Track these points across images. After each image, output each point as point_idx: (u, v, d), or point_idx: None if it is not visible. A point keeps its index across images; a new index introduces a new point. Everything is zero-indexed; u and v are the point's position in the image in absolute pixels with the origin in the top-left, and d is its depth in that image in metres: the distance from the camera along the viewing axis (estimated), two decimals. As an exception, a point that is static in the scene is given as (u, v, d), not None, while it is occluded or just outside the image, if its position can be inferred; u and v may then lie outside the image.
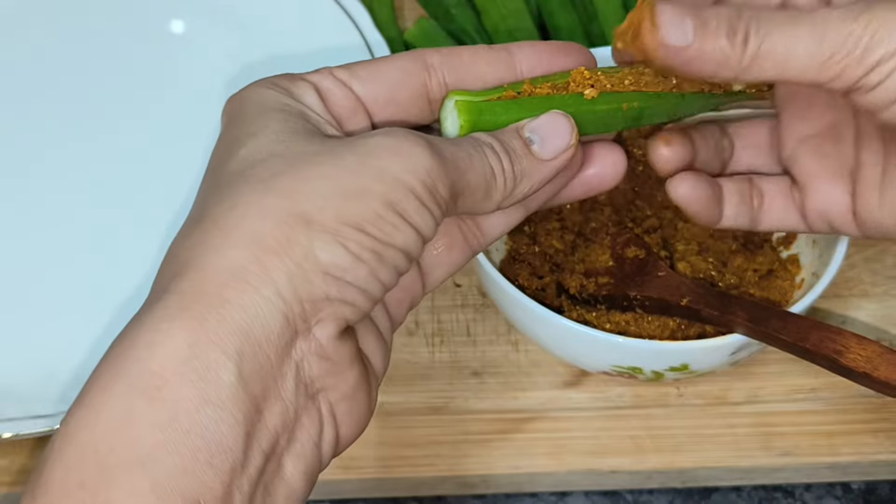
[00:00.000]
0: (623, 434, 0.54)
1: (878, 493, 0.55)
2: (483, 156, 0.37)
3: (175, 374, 0.31)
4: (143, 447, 0.30)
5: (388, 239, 0.34)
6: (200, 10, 0.67)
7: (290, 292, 0.32)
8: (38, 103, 0.65)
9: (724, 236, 0.55)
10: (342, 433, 0.36)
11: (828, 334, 0.46)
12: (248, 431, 0.31)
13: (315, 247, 0.33)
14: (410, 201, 0.34)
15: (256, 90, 0.38)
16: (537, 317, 0.50)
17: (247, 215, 0.33)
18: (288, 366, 0.33)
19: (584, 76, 0.41)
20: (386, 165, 0.34)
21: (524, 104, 0.40)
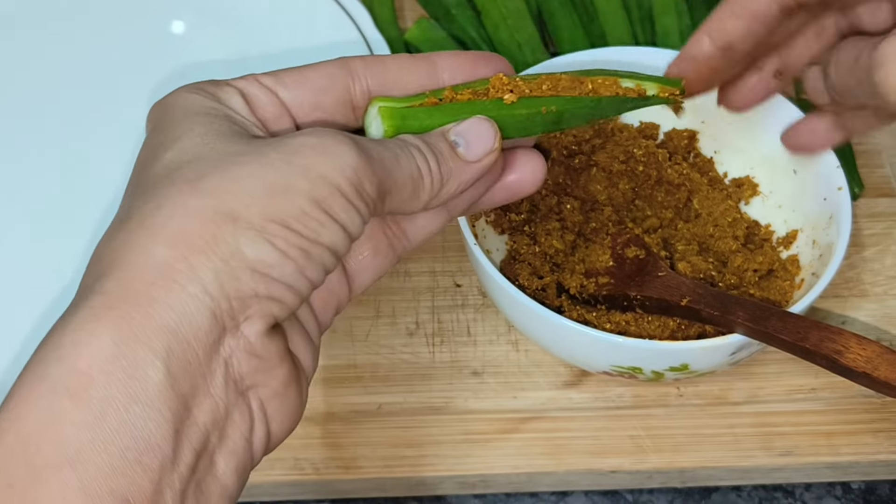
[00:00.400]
0: (623, 434, 0.54)
1: (878, 492, 0.55)
2: (410, 156, 0.38)
3: (101, 373, 0.31)
4: (71, 447, 0.30)
5: (315, 236, 0.34)
6: (201, 10, 0.67)
7: (218, 289, 0.32)
8: (39, 103, 0.65)
9: (723, 236, 0.55)
10: (273, 430, 0.36)
11: (828, 334, 0.46)
12: (176, 429, 0.31)
13: (241, 243, 0.33)
14: (337, 199, 0.34)
15: (181, 95, 0.38)
16: (537, 317, 0.50)
17: (173, 215, 0.33)
18: (217, 363, 0.33)
19: (503, 82, 0.43)
20: (312, 163, 0.34)
21: (446, 109, 0.42)
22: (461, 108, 0.42)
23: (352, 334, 0.57)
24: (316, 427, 0.54)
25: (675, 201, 0.57)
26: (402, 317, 0.58)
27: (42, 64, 0.66)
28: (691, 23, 0.68)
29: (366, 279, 0.42)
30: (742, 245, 0.55)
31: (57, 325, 0.32)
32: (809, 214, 0.55)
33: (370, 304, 0.58)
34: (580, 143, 0.58)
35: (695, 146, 0.60)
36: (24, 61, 0.66)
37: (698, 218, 0.57)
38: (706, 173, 0.59)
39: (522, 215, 0.57)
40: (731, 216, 0.56)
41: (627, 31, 0.67)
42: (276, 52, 0.66)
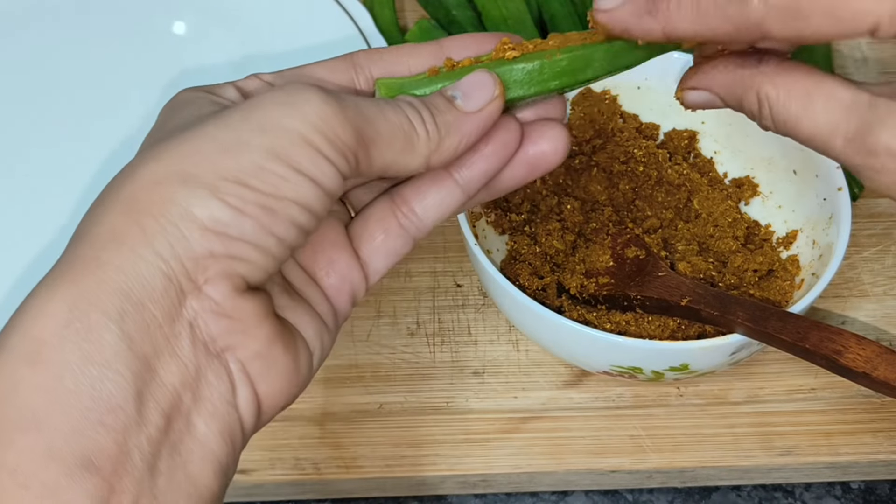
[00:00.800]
0: (623, 434, 0.54)
1: (878, 492, 0.55)
2: (399, 109, 0.37)
3: (55, 337, 0.31)
4: (31, 410, 0.30)
5: (275, 191, 0.33)
6: (202, 11, 0.67)
7: (168, 251, 0.32)
8: (39, 103, 0.65)
9: (723, 236, 0.55)
10: (262, 392, 0.35)
11: (827, 334, 0.46)
12: (139, 390, 0.31)
13: (191, 204, 0.32)
14: (303, 150, 0.34)
15: (181, 95, 0.39)
16: (538, 317, 0.50)
17: (124, 184, 0.33)
18: (181, 325, 0.33)
19: (505, 44, 0.41)
20: (271, 116, 0.34)
21: (447, 76, 0.40)
22: (462, 73, 0.40)
23: (353, 334, 0.57)
24: (317, 427, 0.54)
25: (675, 202, 0.57)
26: (403, 317, 0.58)
27: (43, 64, 0.66)
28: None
29: (380, 264, 0.41)
30: (742, 245, 0.55)
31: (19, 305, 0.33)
32: (809, 215, 0.55)
33: (371, 304, 0.59)
34: (581, 143, 0.58)
35: (695, 146, 0.60)
36: (24, 61, 0.66)
37: (698, 218, 0.57)
38: (706, 174, 0.59)
39: (523, 215, 0.57)
40: (731, 216, 0.56)
41: (628, 31, 0.67)
42: (278, 53, 0.66)
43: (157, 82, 0.66)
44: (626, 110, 0.59)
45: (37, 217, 0.61)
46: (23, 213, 0.61)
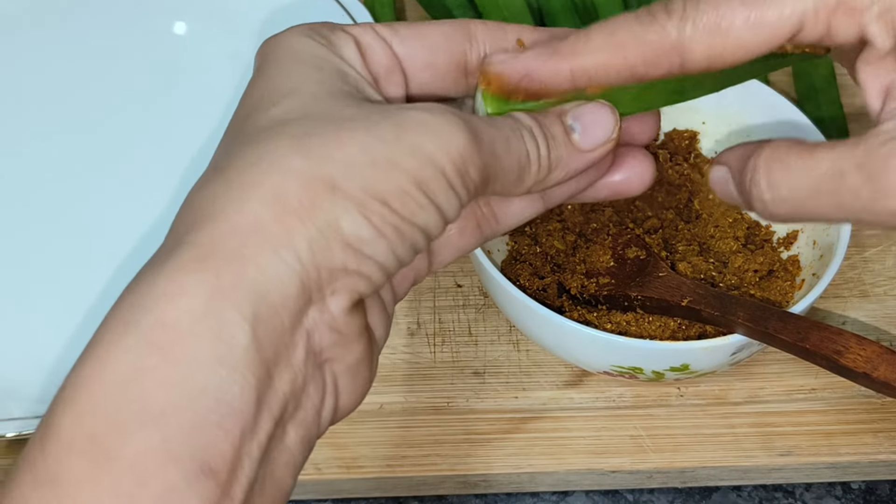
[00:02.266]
0: (624, 434, 0.54)
1: (878, 492, 0.55)
2: (521, 140, 0.36)
3: (190, 331, 0.30)
4: (155, 404, 0.29)
5: (412, 217, 0.33)
6: (202, 11, 0.67)
7: (310, 258, 0.31)
8: (40, 103, 0.65)
9: (724, 237, 0.55)
10: (341, 403, 0.35)
11: (828, 335, 0.46)
12: (259, 396, 0.31)
13: (339, 215, 0.32)
14: (439, 182, 0.33)
15: (295, 37, 0.37)
16: (538, 317, 0.50)
17: (271, 171, 0.32)
18: (300, 334, 0.32)
19: None
20: (420, 141, 0.33)
21: None
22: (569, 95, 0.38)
23: (353, 334, 0.57)
24: (317, 427, 0.54)
25: (675, 202, 0.57)
26: (404, 317, 0.58)
27: (43, 64, 0.66)
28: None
29: (447, 256, 0.40)
30: (742, 246, 0.55)
31: (144, 271, 0.32)
32: (810, 215, 0.55)
33: (371, 304, 0.59)
34: (581, 143, 0.58)
35: (695, 147, 0.60)
36: (24, 61, 0.66)
37: (699, 218, 0.57)
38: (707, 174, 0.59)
39: (523, 216, 0.57)
40: (731, 217, 0.56)
41: (628, 32, 0.67)
42: (278, 53, 0.66)
43: (157, 82, 0.66)
44: (627, 110, 0.59)
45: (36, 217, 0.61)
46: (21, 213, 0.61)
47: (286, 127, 0.33)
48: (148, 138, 0.64)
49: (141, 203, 0.61)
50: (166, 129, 0.64)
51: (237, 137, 0.34)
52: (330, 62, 0.36)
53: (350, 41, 0.37)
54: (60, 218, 0.61)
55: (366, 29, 0.38)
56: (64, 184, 0.62)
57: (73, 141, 0.64)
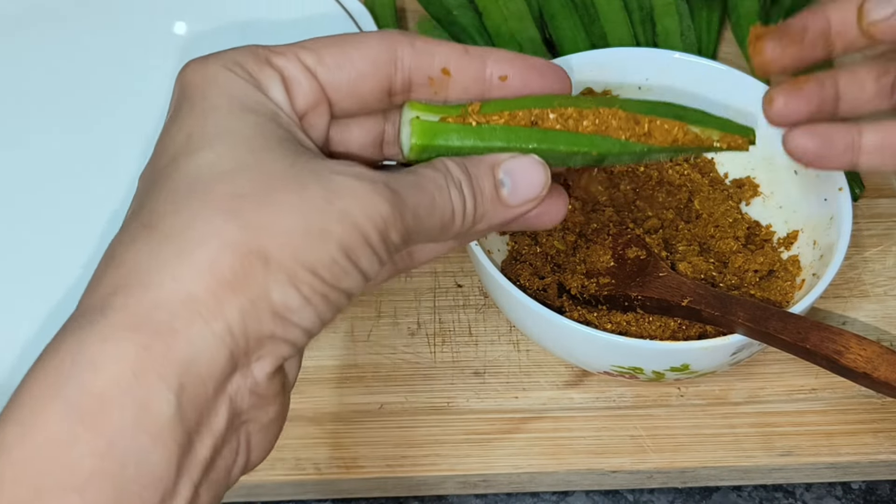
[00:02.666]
0: (624, 434, 0.54)
1: (879, 493, 0.55)
2: (447, 199, 0.37)
3: (116, 401, 0.30)
4: (80, 474, 0.30)
5: (338, 283, 0.34)
6: (203, 11, 0.67)
7: (240, 329, 0.32)
8: (39, 102, 0.65)
9: (724, 237, 0.55)
10: (252, 459, 0.35)
11: (828, 335, 0.46)
12: (179, 463, 0.31)
13: (270, 286, 0.32)
14: (363, 248, 0.34)
15: (221, 72, 0.36)
16: (539, 317, 0.50)
17: (205, 241, 0.32)
18: (223, 400, 0.32)
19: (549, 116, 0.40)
20: (348, 208, 0.34)
21: (482, 132, 0.39)
22: (498, 133, 0.39)
23: (353, 334, 0.57)
24: (317, 427, 0.54)
25: (675, 202, 0.57)
26: (404, 317, 0.58)
27: (43, 64, 0.66)
28: (692, 24, 0.68)
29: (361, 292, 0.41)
30: (743, 245, 0.55)
31: (70, 332, 0.32)
32: (810, 215, 0.55)
33: (372, 304, 0.59)
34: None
35: (696, 147, 0.60)
36: (24, 61, 0.66)
37: (699, 218, 0.57)
38: (707, 174, 0.59)
39: (524, 216, 0.57)
40: (731, 217, 0.56)
41: (628, 32, 0.67)
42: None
43: (157, 82, 0.66)
44: (627, 110, 0.59)
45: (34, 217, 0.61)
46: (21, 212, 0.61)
47: (218, 183, 0.33)
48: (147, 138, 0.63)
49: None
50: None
51: (165, 185, 0.34)
52: (262, 105, 0.36)
53: (276, 79, 0.37)
54: (59, 218, 0.61)
55: (290, 59, 0.37)
56: (63, 183, 0.62)
57: (73, 140, 0.64)
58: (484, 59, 0.40)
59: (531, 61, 0.41)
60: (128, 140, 0.64)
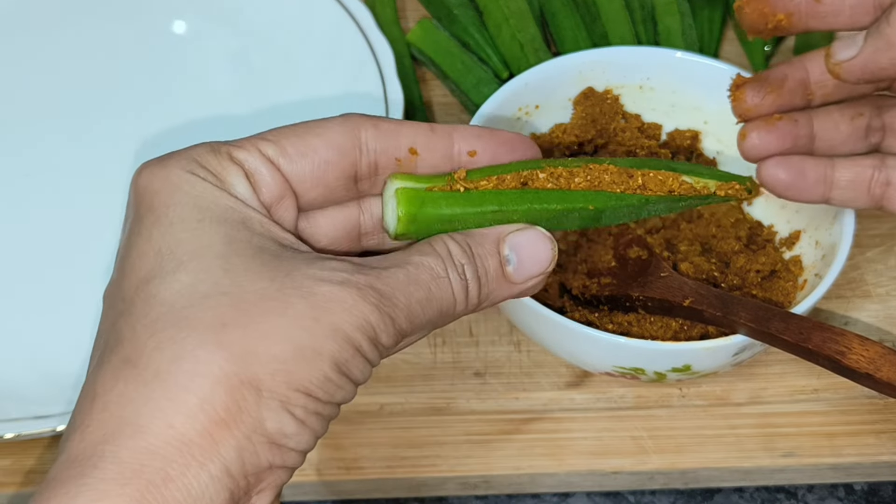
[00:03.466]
0: (625, 435, 0.54)
1: (881, 494, 0.55)
2: (447, 287, 0.36)
3: None
4: None
5: (331, 398, 0.33)
6: (202, 10, 0.67)
7: (238, 468, 0.31)
8: (39, 102, 0.65)
9: (726, 237, 0.55)
10: None
11: (830, 335, 0.46)
12: None
13: (264, 416, 0.31)
14: (356, 359, 0.33)
15: (182, 175, 0.35)
16: (540, 317, 0.49)
17: (194, 379, 0.31)
18: None
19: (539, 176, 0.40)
20: (337, 322, 0.33)
21: (472, 198, 0.38)
22: (489, 198, 0.38)
23: (353, 335, 0.57)
24: (317, 428, 0.54)
25: (677, 202, 0.57)
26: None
27: (43, 63, 0.66)
28: (693, 23, 0.68)
29: None
30: (745, 246, 0.55)
31: (61, 487, 0.30)
32: (812, 215, 0.55)
33: (372, 304, 0.58)
34: (582, 143, 0.58)
35: (697, 146, 0.60)
36: (24, 61, 0.66)
37: (701, 218, 0.57)
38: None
39: (524, 216, 0.56)
40: (733, 217, 0.56)
41: (630, 31, 0.67)
42: (278, 53, 0.66)
43: (157, 82, 0.66)
44: (629, 110, 0.59)
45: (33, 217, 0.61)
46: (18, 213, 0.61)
47: (199, 311, 0.32)
48: (147, 138, 0.63)
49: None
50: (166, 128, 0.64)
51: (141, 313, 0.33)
52: (230, 211, 0.34)
53: (240, 174, 0.35)
54: (57, 218, 0.61)
55: (251, 152, 0.36)
56: (62, 183, 0.62)
57: (72, 140, 0.64)
58: (451, 135, 0.39)
59: (499, 136, 0.40)
60: (126, 140, 0.64)
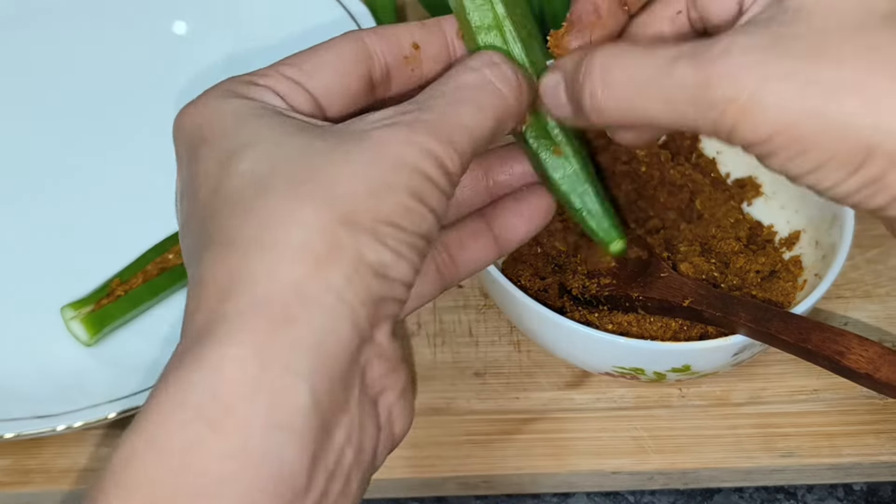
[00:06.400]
0: (625, 435, 0.54)
1: (881, 494, 0.55)
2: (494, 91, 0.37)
3: (244, 399, 0.30)
4: (209, 477, 0.29)
5: (417, 228, 0.33)
6: (203, 11, 0.67)
7: (354, 298, 0.31)
8: (40, 103, 0.65)
9: (726, 237, 0.55)
10: (396, 432, 0.35)
11: (830, 335, 0.46)
12: (314, 453, 0.31)
13: (363, 250, 0.32)
14: (428, 187, 0.34)
15: (216, 101, 0.36)
16: (540, 317, 0.49)
17: (288, 226, 0.32)
18: (356, 375, 0.32)
19: None
20: (399, 155, 0.33)
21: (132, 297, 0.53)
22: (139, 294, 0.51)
23: (354, 335, 0.57)
24: (318, 428, 0.54)
25: (677, 202, 0.57)
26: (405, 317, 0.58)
27: (42, 63, 0.66)
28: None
29: (409, 306, 0.41)
30: (744, 246, 0.55)
31: (188, 350, 0.31)
32: (812, 215, 0.55)
33: (372, 304, 0.58)
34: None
35: (697, 147, 0.60)
36: (23, 61, 0.66)
37: (701, 219, 0.57)
38: (709, 174, 0.59)
39: (524, 216, 0.56)
40: (733, 217, 0.56)
41: (630, 31, 0.67)
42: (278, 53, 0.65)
43: (157, 82, 0.66)
44: (628, 110, 0.59)
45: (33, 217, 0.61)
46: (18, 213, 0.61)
47: (271, 180, 0.33)
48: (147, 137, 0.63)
49: (139, 202, 0.61)
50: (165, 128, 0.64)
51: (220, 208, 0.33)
52: (267, 107, 0.36)
53: (269, 92, 0.37)
54: (58, 217, 0.61)
55: (275, 77, 0.37)
56: (61, 183, 0.62)
57: (72, 139, 0.64)
58: (440, 25, 0.41)
59: None
60: (126, 139, 0.64)
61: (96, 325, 0.54)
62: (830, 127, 0.32)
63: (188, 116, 0.36)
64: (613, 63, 0.36)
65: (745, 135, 0.33)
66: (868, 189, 0.34)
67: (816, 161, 0.33)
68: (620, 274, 0.53)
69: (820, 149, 0.33)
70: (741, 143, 0.34)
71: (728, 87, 0.33)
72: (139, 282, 0.55)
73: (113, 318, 0.55)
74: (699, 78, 0.33)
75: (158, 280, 0.56)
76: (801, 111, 0.32)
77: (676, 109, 0.34)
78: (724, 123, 0.34)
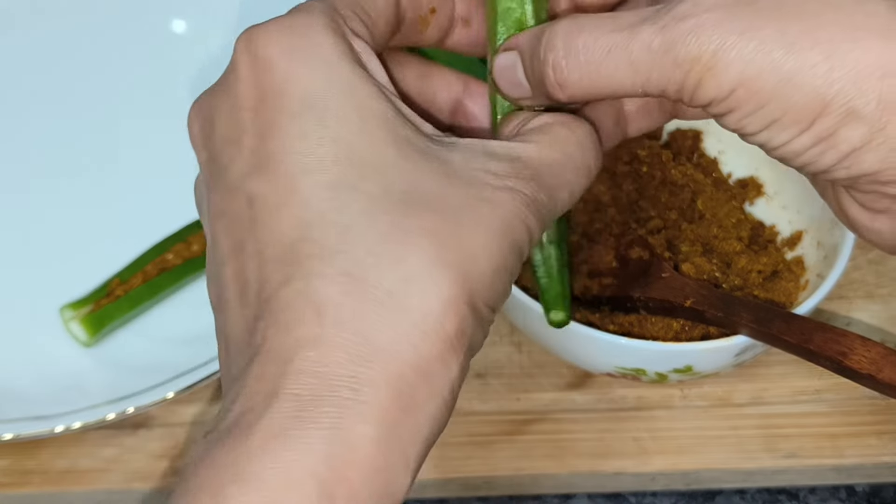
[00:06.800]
0: (626, 436, 0.54)
1: (883, 495, 0.55)
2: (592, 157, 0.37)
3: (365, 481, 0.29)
4: None
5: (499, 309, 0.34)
6: (202, 9, 0.67)
7: (459, 387, 0.32)
8: (39, 102, 0.65)
9: (728, 237, 0.55)
10: None
11: (832, 336, 0.46)
12: None
13: (475, 336, 0.32)
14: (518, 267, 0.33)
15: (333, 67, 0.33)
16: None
17: (429, 298, 0.30)
18: None
19: None
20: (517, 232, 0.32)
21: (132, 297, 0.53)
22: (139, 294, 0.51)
23: (354, 335, 0.57)
24: (318, 428, 0.54)
25: (679, 202, 0.57)
26: (405, 318, 0.58)
27: (41, 62, 0.66)
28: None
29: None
30: (746, 246, 0.55)
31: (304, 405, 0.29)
32: (814, 215, 0.55)
33: (372, 304, 0.58)
34: (583, 143, 0.58)
35: (699, 146, 0.59)
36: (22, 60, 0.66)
37: (702, 219, 0.56)
38: (710, 174, 0.59)
39: (525, 216, 0.56)
40: (735, 217, 0.56)
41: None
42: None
43: (157, 81, 0.66)
44: (630, 110, 0.59)
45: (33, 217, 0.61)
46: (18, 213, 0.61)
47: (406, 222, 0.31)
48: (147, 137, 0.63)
49: (140, 203, 0.61)
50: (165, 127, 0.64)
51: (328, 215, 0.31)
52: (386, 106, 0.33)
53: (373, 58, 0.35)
54: (57, 218, 0.61)
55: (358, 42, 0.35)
56: (60, 183, 0.62)
57: (71, 139, 0.64)
58: None
59: None
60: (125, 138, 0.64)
61: (95, 325, 0.54)
62: (789, 81, 0.33)
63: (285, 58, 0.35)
64: (576, 32, 0.35)
65: (709, 91, 0.34)
66: (818, 147, 0.34)
67: (772, 116, 0.34)
68: (622, 274, 0.53)
69: (776, 102, 0.33)
70: (704, 102, 0.34)
71: (692, 45, 0.33)
72: (138, 282, 0.55)
73: (112, 319, 0.55)
74: (664, 39, 0.33)
75: (158, 280, 0.56)
76: (761, 64, 0.33)
77: (642, 73, 0.34)
78: (688, 82, 0.34)
